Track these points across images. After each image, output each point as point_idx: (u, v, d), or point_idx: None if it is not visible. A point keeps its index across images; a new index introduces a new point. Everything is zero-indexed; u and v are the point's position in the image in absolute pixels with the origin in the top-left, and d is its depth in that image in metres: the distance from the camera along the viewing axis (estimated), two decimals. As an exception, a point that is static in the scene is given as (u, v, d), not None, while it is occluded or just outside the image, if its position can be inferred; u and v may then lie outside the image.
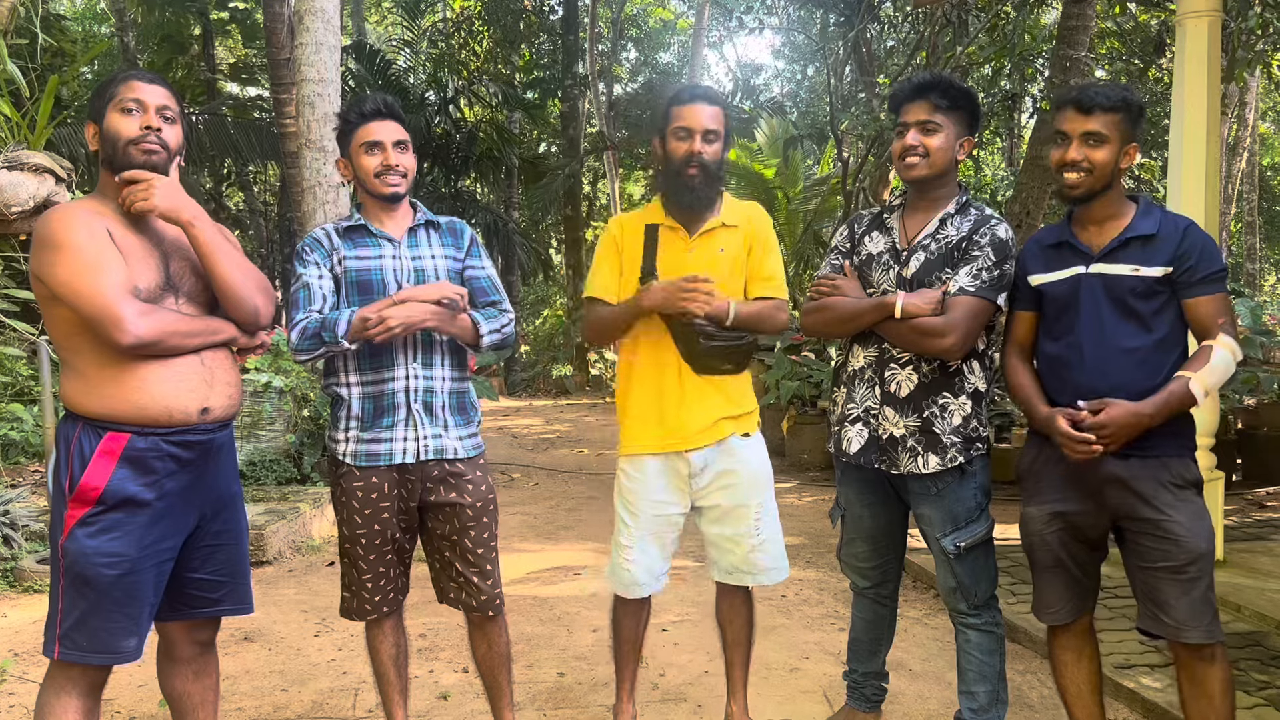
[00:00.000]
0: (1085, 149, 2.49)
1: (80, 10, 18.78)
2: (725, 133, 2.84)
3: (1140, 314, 2.47)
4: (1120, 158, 2.50)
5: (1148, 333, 2.47)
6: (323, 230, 2.79)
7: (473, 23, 17.11)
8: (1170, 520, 2.44)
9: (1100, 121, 2.48)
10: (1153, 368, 2.46)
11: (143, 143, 2.33)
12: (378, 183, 2.71)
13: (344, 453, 2.73)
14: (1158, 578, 2.48)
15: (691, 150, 2.78)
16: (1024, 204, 8.48)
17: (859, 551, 2.96)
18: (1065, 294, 2.56)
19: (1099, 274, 2.51)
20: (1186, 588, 2.45)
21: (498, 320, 2.77)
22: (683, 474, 2.89)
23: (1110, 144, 2.49)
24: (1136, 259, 2.48)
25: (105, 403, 2.26)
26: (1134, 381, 2.45)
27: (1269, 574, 4.49)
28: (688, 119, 2.79)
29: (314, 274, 2.71)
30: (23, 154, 4.70)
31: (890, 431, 2.73)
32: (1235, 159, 15.70)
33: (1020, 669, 3.70)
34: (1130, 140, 2.50)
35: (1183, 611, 2.45)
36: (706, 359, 2.81)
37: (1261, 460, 7.16)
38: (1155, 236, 2.48)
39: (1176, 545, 2.43)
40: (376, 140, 2.71)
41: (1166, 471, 2.46)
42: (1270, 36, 7.64)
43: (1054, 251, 2.62)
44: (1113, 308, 2.49)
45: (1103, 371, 2.47)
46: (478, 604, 2.80)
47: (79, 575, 2.25)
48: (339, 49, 7.36)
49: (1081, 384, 2.50)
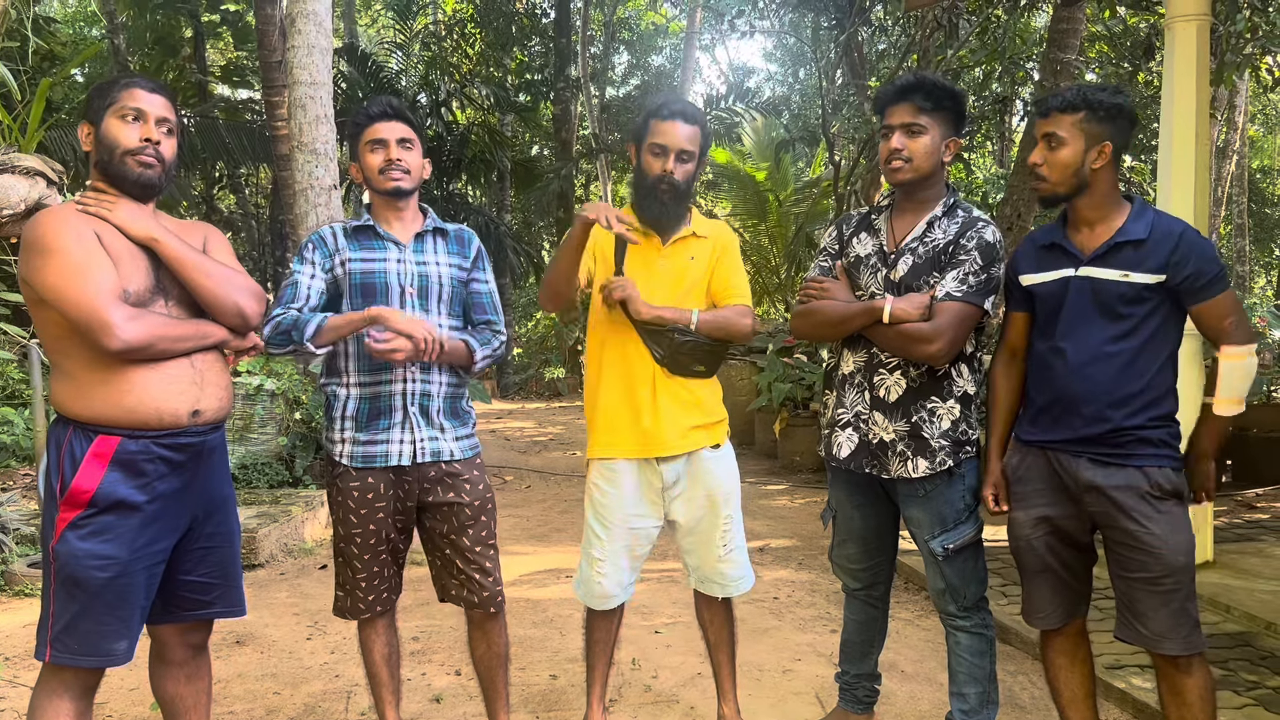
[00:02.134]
0: (1045, 151, 2.50)
1: (71, 13, 18.74)
2: (701, 150, 2.87)
3: (1126, 318, 2.45)
4: (1088, 157, 2.46)
5: (1132, 337, 2.45)
6: (329, 229, 2.80)
7: (465, 25, 17.11)
8: (1147, 532, 2.42)
9: (1058, 123, 2.48)
10: (1136, 372, 2.44)
11: (140, 154, 2.33)
12: (381, 178, 2.74)
13: (340, 454, 2.74)
14: (1134, 588, 2.47)
15: (665, 170, 2.81)
16: (1015, 207, 8.51)
17: (850, 553, 2.96)
18: (1054, 295, 2.55)
19: (1087, 277, 2.49)
20: (1165, 599, 2.44)
21: (490, 345, 2.82)
22: (656, 487, 2.91)
23: (1070, 145, 2.46)
24: (1126, 264, 2.45)
25: (96, 406, 2.26)
26: (1116, 386, 2.44)
27: (1258, 575, 4.52)
28: (665, 136, 2.81)
29: (306, 273, 2.72)
30: (14, 157, 4.70)
31: (880, 436, 2.73)
32: (1225, 162, 15.76)
33: (1011, 670, 3.71)
34: (1103, 140, 2.46)
35: (1160, 623, 2.45)
36: (680, 358, 2.83)
37: (1251, 462, 7.19)
38: (1146, 242, 2.44)
39: (1153, 557, 2.42)
40: (381, 138, 2.74)
41: (1146, 481, 2.44)
42: (1259, 40, 7.67)
43: (1045, 252, 2.61)
44: (1098, 311, 2.47)
45: (1085, 374, 2.47)
46: (479, 600, 2.81)
47: (70, 578, 2.25)
48: (331, 51, 7.36)
49: (1063, 386, 2.50)
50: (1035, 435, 2.60)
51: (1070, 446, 2.51)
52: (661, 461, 2.87)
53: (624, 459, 2.89)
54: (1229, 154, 15.91)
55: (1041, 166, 2.51)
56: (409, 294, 2.72)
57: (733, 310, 2.88)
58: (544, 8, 17.30)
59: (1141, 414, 2.45)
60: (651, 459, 2.88)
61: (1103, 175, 2.49)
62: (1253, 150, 20.86)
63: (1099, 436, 2.46)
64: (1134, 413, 2.44)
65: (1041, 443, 2.58)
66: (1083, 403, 2.47)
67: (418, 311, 2.72)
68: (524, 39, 17.31)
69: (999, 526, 3.49)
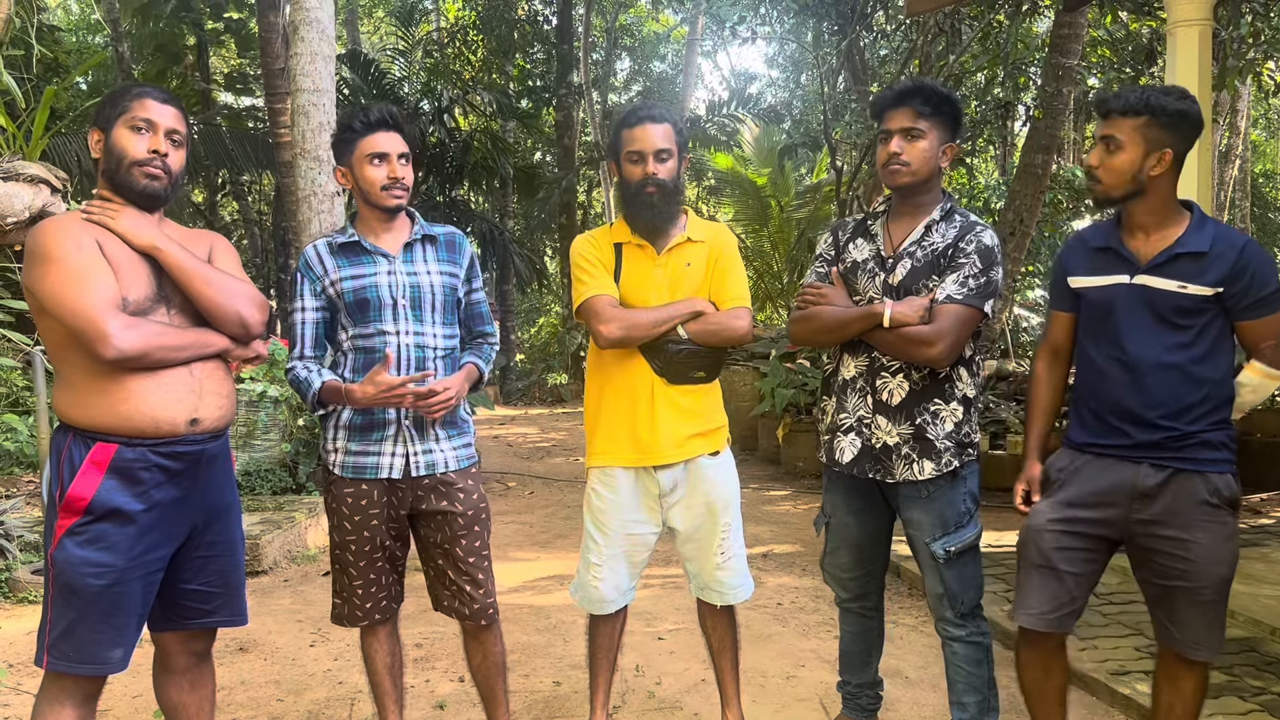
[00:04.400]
0: (1103, 154, 2.44)
1: (75, 21, 18.79)
2: (680, 147, 2.86)
3: (1185, 329, 2.40)
4: (1146, 164, 2.39)
5: (1193, 347, 2.40)
6: (314, 251, 2.77)
7: (467, 32, 17.15)
8: (1194, 542, 2.39)
9: (1118, 126, 2.41)
10: (1194, 383, 2.40)
11: (148, 166, 2.34)
12: (383, 195, 2.70)
13: (334, 463, 2.74)
14: (1172, 595, 2.45)
15: (646, 173, 2.80)
16: (1017, 212, 8.51)
17: (842, 561, 2.95)
18: (1106, 301, 2.48)
19: (1142, 285, 2.43)
20: (1203, 609, 2.42)
21: (490, 358, 2.91)
22: (654, 493, 2.90)
23: (1128, 150, 2.39)
24: (1185, 275, 2.38)
25: (93, 413, 2.26)
26: (1175, 397, 2.40)
27: (1263, 580, 4.50)
28: (639, 142, 2.81)
29: (299, 308, 2.77)
30: (18, 164, 4.71)
31: (883, 440, 2.72)
32: (1227, 167, 15.74)
33: (1013, 674, 3.69)
34: (1163, 146, 2.38)
35: (1197, 631, 2.44)
36: (677, 367, 2.82)
37: (1255, 467, 7.17)
38: (1207, 255, 2.38)
39: (1195, 567, 2.40)
40: (382, 153, 2.69)
41: (1206, 487, 2.41)
42: (1260, 45, 7.67)
43: (1099, 255, 2.53)
44: (1154, 321, 2.41)
45: (1142, 385, 2.42)
46: (470, 613, 2.80)
47: (66, 585, 2.25)
48: (334, 59, 7.38)
49: (1120, 398, 2.45)
50: (1090, 440, 2.54)
51: (1129, 452, 2.46)
52: (659, 469, 2.87)
53: (621, 467, 2.89)
54: (1231, 159, 15.89)
55: (1097, 169, 2.46)
56: (401, 306, 2.70)
57: (727, 314, 2.85)
58: (546, 14, 17.33)
59: (1200, 421, 2.41)
60: (649, 467, 2.88)
61: (1161, 182, 2.42)
62: (1255, 155, 20.84)
63: (1160, 442, 2.42)
64: (1193, 420, 2.41)
65: (1098, 448, 2.52)
66: (1142, 412, 2.42)
67: (411, 323, 2.71)
68: (526, 45, 17.34)
69: (1001, 532, 3.47)
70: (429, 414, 2.64)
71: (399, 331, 2.69)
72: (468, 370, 2.79)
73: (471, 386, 2.81)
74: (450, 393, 2.65)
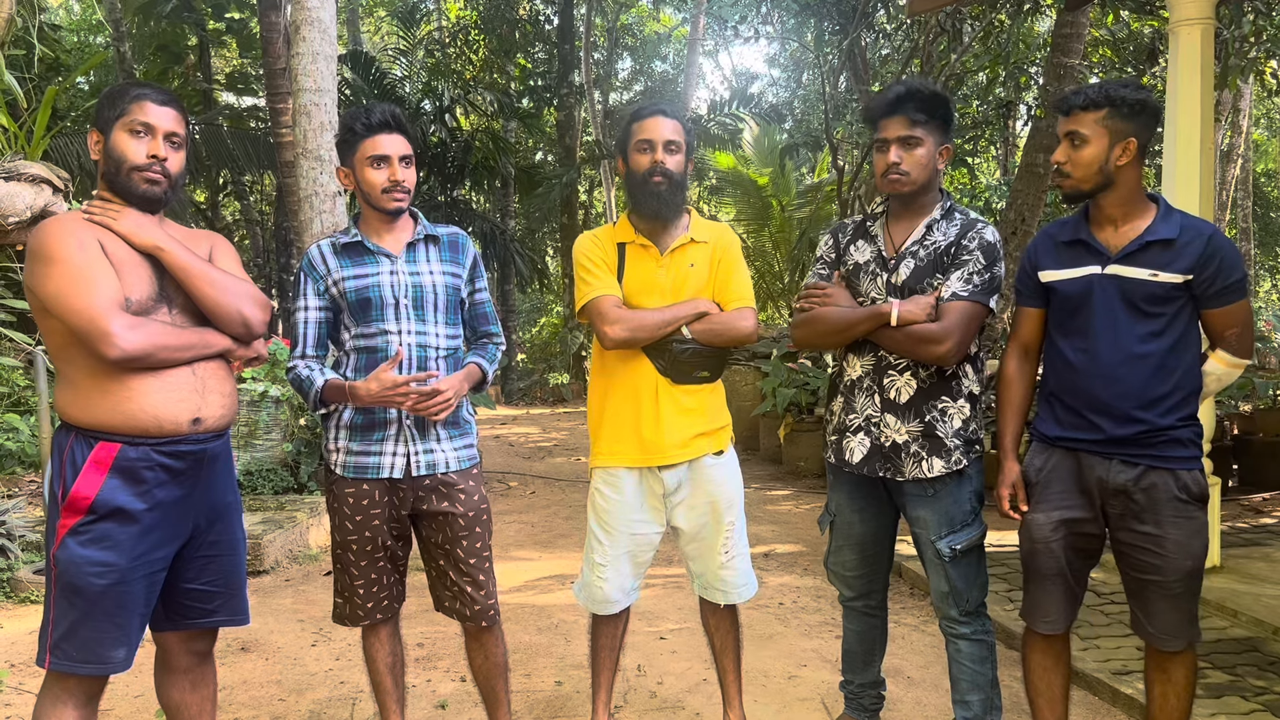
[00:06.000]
0: (1069, 150, 2.48)
1: (76, 21, 18.80)
2: (687, 145, 2.87)
3: (1155, 318, 2.44)
4: (1112, 154, 2.44)
5: (1162, 337, 2.44)
6: (318, 250, 2.78)
7: (468, 32, 17.15)
8: (1165, 537, 2.45)
9: (1081, 121, 2.46)
10: (1166, 373, 2.44)
11: (147, 171, 2.33)
12: (385, 198, 2.70)
13: (335, 462, 2.74)
14: (1146, 588, 2.51)
15: (655, 160, 2.80)
16: (1019, 211, 8.50)
17: (846, 560, 2.95)
18: (1078, 293, 2.52)
19: (1114, 275, 2.47)
20: (1174, 602, 2.49)
21: (495, 358, 2.89)
22: (658, 493, 2.90)
23: (1094, 143, 2.45)
24: (1156, 263, 2.43)
25: (96, 413, 2.26)
26: (1147, 388, 2.43)
27: (1265, 579, 4.50)
28: (648, 132, 2.82)
29: (302, 308, 2.76)
30: (20, 164, 4.71)
31: (892, 439, 2.73)
32: (1229, 166, 15.73)
33: (1016, 674, 3.69)
34: (1127, 136, 2.44)
35: (1166, 623, 2.51)
36: (683, 367, 2.82)
37: (1257, 466, 7.17)
38: (1175, 242, 2.43)
39: (1167, 562, 2.45)
40: (384, 155, 2.69)
41: (1175, 484, 2.45)
42: (1263, 44, 7.67)
43: (1068, 248, 2.57)
44: (1127, 311, 2.45)
45: (1115, 377, 2.45)
46: (471, 614, 2.80)
47: (69, 584, 2.25)
48: (335, 58, 7.38)
49: (1093, 390, 2.48)
50: (1062, 435, 2.57)
51: (1101, 448, 2.49)
52: (663, 469, 2.87)
53: (625, 467, 2.89)
54: (1233, 158, 15.89)
55: (1066, 165, 2.50)
56: (404, 305, 2.70)
57: (731, 314, 2.86)
58: (547, 14, 17.31)
59: (1171, 414, 2.45)
60: (653, 467, 2.88)
61: (1128, 172, 2.47)
62: (1257, 154, 20.84)
63: (1132, 438, 2.45)
64: (1165, 413, 2.44)
65: (1069, 443, 2.55)
66: (1114, 404, 2.45)
67: (414, 323, 2.71)
68: (527, 45, 17.33)
69: (1004, 532, 3.47)
70: (429, 415, 2.64)
71: (401, 331, 2.69)
72: (469, 370, 2.79)
73: (475, 386, 2.81)
74: (449, 394, 2.65)
